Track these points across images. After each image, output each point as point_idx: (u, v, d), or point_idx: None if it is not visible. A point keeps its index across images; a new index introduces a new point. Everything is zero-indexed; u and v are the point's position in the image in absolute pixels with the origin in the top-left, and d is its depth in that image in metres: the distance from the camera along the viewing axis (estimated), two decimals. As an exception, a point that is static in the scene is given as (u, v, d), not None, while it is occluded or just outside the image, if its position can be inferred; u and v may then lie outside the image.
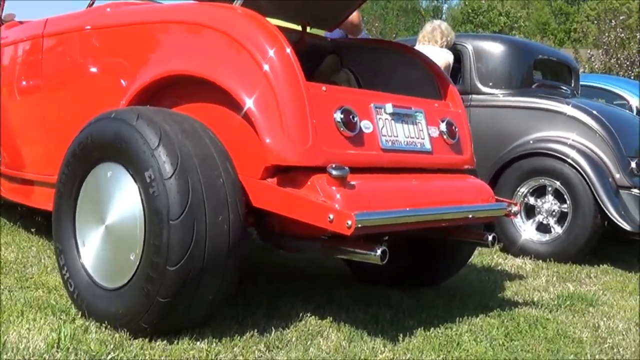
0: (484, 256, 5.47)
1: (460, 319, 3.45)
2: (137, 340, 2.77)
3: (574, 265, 5.37)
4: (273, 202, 2.93)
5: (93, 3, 3.89)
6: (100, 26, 3.58)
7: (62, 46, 3.85)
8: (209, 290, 2.77)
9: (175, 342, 2.78)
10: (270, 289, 3.66)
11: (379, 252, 2.77)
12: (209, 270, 2.71)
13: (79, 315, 3.00)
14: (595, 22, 36.67)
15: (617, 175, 5.41)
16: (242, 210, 2.84)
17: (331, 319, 3.28)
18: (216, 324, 2.98)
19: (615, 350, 3.20)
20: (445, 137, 3.49)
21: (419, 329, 3.23)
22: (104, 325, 2.87)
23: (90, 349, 2.65)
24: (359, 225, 2.67)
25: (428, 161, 3.38)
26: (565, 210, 5.51)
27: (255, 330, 2.99)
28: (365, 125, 3.10)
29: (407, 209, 2.98)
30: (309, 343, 2.94)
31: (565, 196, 5.49)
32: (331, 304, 3.52)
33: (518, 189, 5.68)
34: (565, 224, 5.49)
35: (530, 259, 5.53)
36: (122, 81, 3.38)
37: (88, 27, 3.63)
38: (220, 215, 2.73)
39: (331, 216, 2.71)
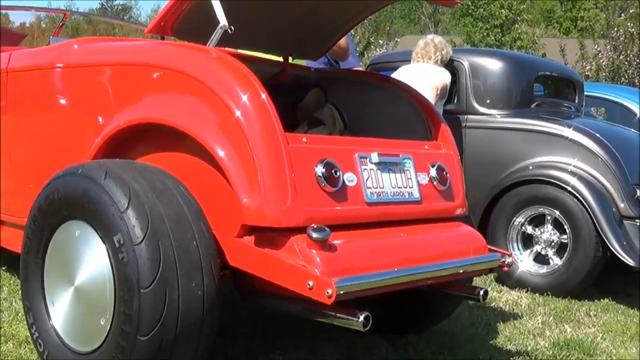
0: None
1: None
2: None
3: (573, 300, 5.40)
4: (250, 263, 2.94)
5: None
6: (68, 64, 3.58)
7: (27, 83, 3.84)
8: (183, 358, 2.79)
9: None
10: (249, 343, 3.67)
11: (361, 318, 2.78)
12: (182, 338, 2.72)
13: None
14: (604, 10, 36.83)
15: (622, 205, 5.44)
16: (217, 272, 2.84)
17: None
18: None
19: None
20: (435, 183, 3.50)
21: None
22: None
23: None
24: (341, 292, 2.68)
25: (417, 211, 3.39)
26: (565, 241, 5.53)
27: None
28: (349, 178, 3.11)
29: (394, 269, 2.98)
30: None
31: (565, 226, 5.51)
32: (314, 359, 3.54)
33: (515, 217, 5.70)
34: (565, 256, 5.51)
35: (526, 292, 5.56)
36: (98, 119, 3.38)
37: (58, 64, 3.62)
38: (194, 280, 2.74)
39: (310, 283, 2.72)
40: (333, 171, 3.00)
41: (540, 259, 5.69)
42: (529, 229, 5.72)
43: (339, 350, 3.69)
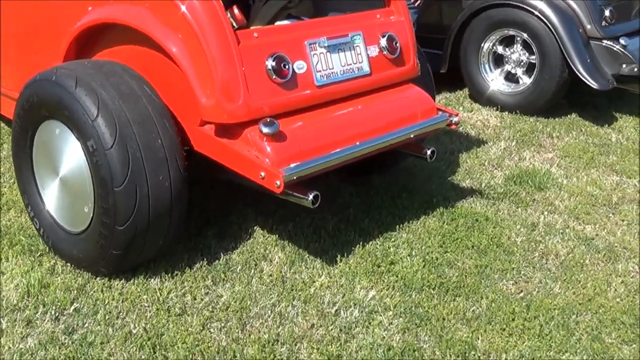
0: (451, 107, 5.93)
1: (401, 224, 4.01)
2: (97, 282, 3.36)
3: (540, 119, 5.83)
4: (211, 151, 3.38)
5: None
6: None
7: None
8: (159, 238, 3.32)
9: (132, 283, 3.37)
10: (222, 205, 4.18)
11: (310, 197, 3.26)
12: (155, 225, 3.23)
13: (46, 252, 3.56)
14: None
15: (588, 26, 5.69)
16: (182, 163, 3.29)
17: (277, 236, 3.84)
18: (169, 255, 3.56)
19: (543, 261, 3.77)
20: (385, 53, 3.82)
21: (359, 243, 3.80)
22: (68, 266, 3.45)
23: (55, 298, 3.24)
24: (287, 181, 3.14)
25: (367, 84, 3.75)
26: (534, 61, 5.84)
27: (205, 260, 3.57)
28: (299, 66, 3.45)
29: (339, 149, 3.41)
30: (252, 272, 3.52)
31: (533, 48, 5.79)
32: (280, 213, 4.05)
33: (486, 38, 5.97)
34: (533, 76, 5.85)
35: (497, 110, 5.98)
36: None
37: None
38: (161, 175, 3.19)
39: (262, 174, 3.18)
40: (282, 64, 3.32)
41: (511, 77, 6.02)
42: (500, 49, 6.01)
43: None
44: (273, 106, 3.34)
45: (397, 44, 3.86)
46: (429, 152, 3.90)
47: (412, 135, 3.77)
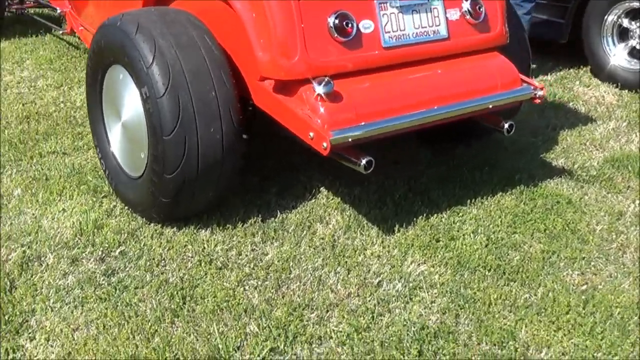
0: (568, 81, 5.61)
1: (473, 200, 3.84)
2: (149, 228, 3.43)
3: (661, 100, 5.41)
4: (269, 106, 3.35)
5: None
6: None
7: None
8: (209, 190, 3.33)
9: (182, 232, 3.42)
10: (290, 162, 4.14)
11: (363, 162, 3.17)
12: (204, 176, 3.25)
13: (110, 194, 3.67)
14: None
15: None
16: (236, 117, 3.27)
17: (340, 199, 3.77)
18: (226, 208, 3.58)
19: (619, 254, 3.50)
20: (468, 17, 3.63)
21: (423, 214, 3.67)
22: (126, 210, 3.54)
23: (105, 239, 3.34)
24: (336, 143, 3.06)
25: (444, 49, 3.58)
26: (662, 37, 5.42)
27: (260, 216, 3.57)
28: (365, 25, 3.33)
29: (396, 116, 3.29)
30: (304, 233, 3.49)
31: (662, 22, 5.37)
32: (348, 176, 3.97)
33: (611, 9, 5.58)
34: (659, 53, 5.43)
35: (616, 87, 5.60)
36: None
37: None
38: (212, 127, 3.19)
39: (311, 134, 3.12)
40: (345, 22, 3.23)
41: (635, 53, 5.61)
42: (625, 22, 5.59)
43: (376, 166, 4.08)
44: (333, 65, 3.26)
45: (482, 9, 3.66)
46: (506, 125, 3.69)
47: (489, 106, 3.58)
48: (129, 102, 3.40)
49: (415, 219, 3.65)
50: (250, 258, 3.29)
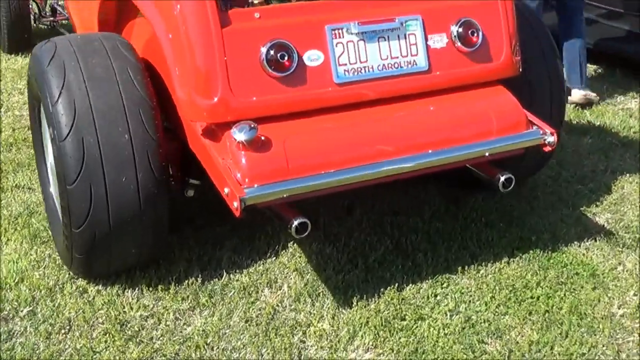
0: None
1: (468, 266, 3.27)
2: (74, 284, 3.13)
3: None
4: (198, 152, 2.95)
5: None
6: None
7: None
8: (129, 246, 2.97)
9: (107, 290, 3.08)
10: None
11: (294, 224, 2.72)
12: (119, 231, 2.88)
13: (50, 240, 3.40)
14: None
15: None
16: (158, 164, 2.88)
17: (304, 258, 3.30)
18: (169, 261, 3.25)
19: (636, 350, 2.84)
20: (458, 44, 3.06)
21: (397, 282, 3.14)
22: (59, 259, 3.23)
23: (19, 296, 3.04)
24: (249, 204, 2.62)
25: (422, 84, 3.04)
26: None
27: (201, 277, 3.17)
28: (312, 57, 2.85)
29: (349, 167, 2.80)
30: (243, 301, 3.05)
31: None
32: (328, 229, 3.50)
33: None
34: None
35: None
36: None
37: None
38: (124, 175, 2.82)
39: (226, 190, 2.69)
40: (280, 54, 2.76)
41: None
42: None
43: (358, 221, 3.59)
44: (266, 106, 2.80)
45: (479, 34, 3.08)
46: (502, 178, 3.09)
47: (485, 154, 3.02)
48: (49, 143, 3.11)
49: (384, 287, 3.12)
50: (167, 329, 2.89)
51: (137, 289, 3.09)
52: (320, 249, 3.37)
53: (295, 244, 3.40)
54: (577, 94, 5.10)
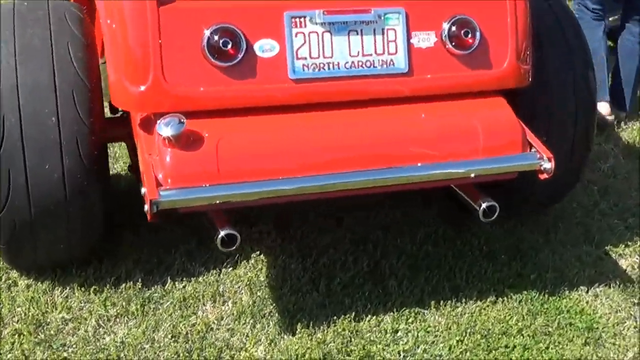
0: None
1: (448, 302, 2.94)
2: (9, 276, 2.97)
3: None
4: (137, 142, 2.74)
5: None
6: None
7: None
8: (56, 238, 2.79)
9: (37, 286, 2.92)
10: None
11: (220, 235, 2.49)
12: (41, 222, 2.71)
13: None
14: None
15: None
16: (88, 152, 2.69)
17: (263, 271, 3.05)
18: (112, 259, 3.07)
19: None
20: (449, 45, 2.73)
21: (353, 313, 2.85)
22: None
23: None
24: (161, 208, 2.40)
25: (399, 88, 2.72)
26: None
27: (141, 282, 2.97)
28: (264, 47, 2.59)
29: (293, 177, 2.53)
30: (178, 314, 2.83)
31: None
32: (295, 244, 3.24)
33: None
34: None
35: None
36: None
37: None
38: (48, 162, 2.64)
39: (143, 190, 2.47)
40: (223, 41, 2.51)
41: None
42: None
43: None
44: (204, 99, 2.56)
45: (475, 34, 2.74)
46: (484, 205, 2.74)
47: (472, 175, 2.69)
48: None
49: (340, 317, 2.83)
50: (84, 336, 2.70)
51: (68, 287, 2.91)
52: (285, 264, 3.11)
53: (260, 255, 3.15)
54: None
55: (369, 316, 2.84)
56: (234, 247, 2.51)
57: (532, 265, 3.17)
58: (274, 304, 2.89)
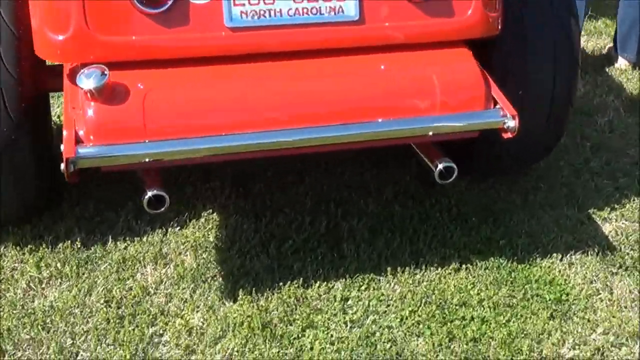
0: None
1: (405, 269, 2.78)
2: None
3: None
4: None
5: None
6: None
7: None
8: None
9: None
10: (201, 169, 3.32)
11: (146, 195, 2.37)
12: None
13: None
14: None
15: None
16: (16, 105, 2.57)
17: (213, 232, 2.92)
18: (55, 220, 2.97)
19: None
20: (407, -9, 2.54)
21: (299, 279, 2.71)
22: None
23: None
24: (77, 167, 2.27)
25: (348, 37, 2.55)
26: None
27: (79, 241, 2.86)
28: (199, -7, 2.42)
29: (227, 134, 2.38)
30: (114, 277, 2.72)
31: None
32: (261, 200, 3.10)
33: None
34: None
35: None
36: None
37: None
38: None
39: (62, 147, 2.33)
40: (153, -15, 2.35)
41: None
42: None
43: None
44: (133, 49, 2.40)
45: (435, -20, 2.54)
46: (440, 166, 2.58)
47: (430, 133, 2.51)
48: None
49: (287, 282, 2.69)
50: (12, 300, 2.60)
51: (3, 246, 2.81)
52: (236, 224, 2.97)
53: (212, 213, 3.02)
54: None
55: (319, 282, 2.70)
56: (162, 209, 2.39)
57: (504, 230, 3.00)
58: (218, 268, 2.76)
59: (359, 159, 3.34)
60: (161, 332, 2.50)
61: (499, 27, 2.69)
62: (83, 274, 2.72)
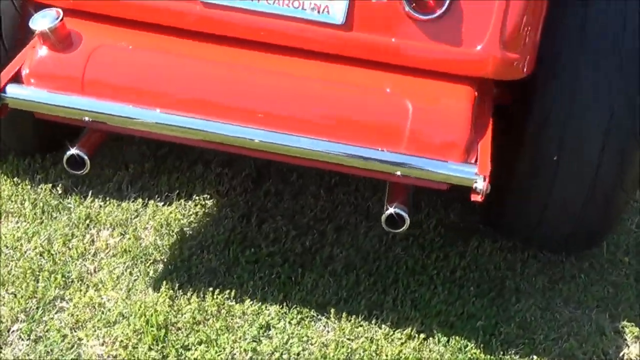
0: None
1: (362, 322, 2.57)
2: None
3: None
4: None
5: None
6: None
7: None
8: None
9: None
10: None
11: (68, 153, 2.39)
12: None
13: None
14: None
15: None
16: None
17: (196, 208, 2.88)
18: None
19: None
20: (407, 8, 2.30)
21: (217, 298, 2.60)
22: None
23: None
24: (2, 104, 2.33)
25: (329, 41, 2.36)
26: None
27: (60, 188, 2.92)
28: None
29: (161, 110, 2.32)
30: (76, 242, 2.74)
31: None
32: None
33: None
34: None
35: None
36: None
37: None
38: None
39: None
40: None
41: None
42: None
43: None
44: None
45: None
46: (391, 210, 2.31)
47: (398, 173, 2.30)
48: None
49: (217, 290, 2.59)
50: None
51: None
52: (220, 217, 2.90)
53: (205, 201, 2.96)
54: None
55: (253, 301, 2.58)
56: (82, 171, 2.37)
57: (503, 313, 2.65)
58: (167, 254, 2.72)
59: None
60: (66, 297, 2.51)
61: (525, 71, 2.37)
62: (41, 218, 2.78)
